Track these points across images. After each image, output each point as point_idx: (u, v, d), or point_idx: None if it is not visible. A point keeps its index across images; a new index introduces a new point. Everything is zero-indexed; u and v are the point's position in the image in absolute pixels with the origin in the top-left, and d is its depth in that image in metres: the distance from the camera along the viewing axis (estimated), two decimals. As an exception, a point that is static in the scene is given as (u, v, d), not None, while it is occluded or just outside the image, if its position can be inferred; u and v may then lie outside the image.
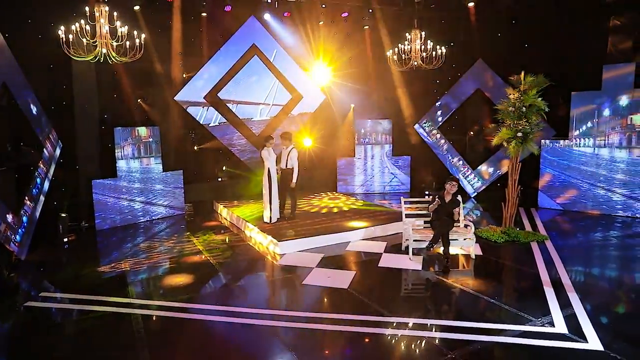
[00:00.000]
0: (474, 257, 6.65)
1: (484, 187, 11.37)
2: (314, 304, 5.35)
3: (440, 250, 6.43)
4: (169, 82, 10.24)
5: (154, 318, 4.96)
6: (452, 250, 6.56)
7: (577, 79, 9.51)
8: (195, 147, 11.02)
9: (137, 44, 7.05)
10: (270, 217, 8.05)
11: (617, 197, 9.13)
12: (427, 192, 11.32)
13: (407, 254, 6.74)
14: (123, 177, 9.06)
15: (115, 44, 6.88)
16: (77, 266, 6.71)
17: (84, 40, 6.63)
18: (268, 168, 7.93)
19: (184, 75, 10.49)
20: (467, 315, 4.88)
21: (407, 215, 7.15)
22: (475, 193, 11.40)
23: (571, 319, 4.62)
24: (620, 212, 9.09)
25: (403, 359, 4.07)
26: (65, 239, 7.89)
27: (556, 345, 4.13)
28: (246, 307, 5.13)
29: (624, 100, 8.95)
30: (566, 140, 9.71)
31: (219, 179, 11.28)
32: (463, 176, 11.55)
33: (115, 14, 6.93)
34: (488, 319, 4.75)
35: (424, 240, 6.57)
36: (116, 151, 8.93)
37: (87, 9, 6.71)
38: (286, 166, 8.24)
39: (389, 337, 4.39)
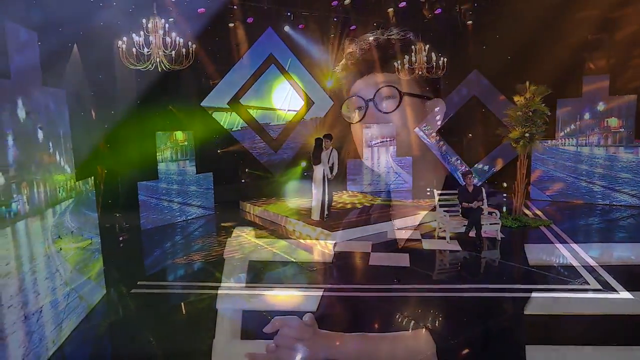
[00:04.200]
0: (499, 239, 7.82)
1: (479, 183, 12.75)
2: (392, 279, 6.21)
3: (473, 234, 7.56)
4: (198, 89, 10.81)
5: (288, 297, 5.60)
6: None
7: (561, 88, 11.05)
8: (219, 151, 11.59)
9: (184, 52, 7.73)
10: (324, 213, 8.80)
11: (597, 188, 10.74)
12: (428, 190, 12.50)
13: (442, 239, 7.81)
14: (163, 179, 9.54)
15: (166, 52, 7.53)
16: (155, 259, 7.22)
17: (135, 49, 7.23)
18: (323, 169, 8.68)
19: (210, 83, 11.08)
20: (519, 281, 5.99)
21: (441, 206, 8.24)
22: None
23: (600, 279, 5.83)
24: (600, 200, 10.69)
25: (495, 312, 5.02)
26: (120, 238, 8.31)
27: (597, 297, 5.32)
28: (344, 284, 5.98)
29: (600, 106, 10.59)
30: (553, 141, 11.24)
31: (242, 181, 11.91)
32: (461, 174, 12.86)
33: (167, 25, 7.57)
34: (537, 283, 5.87)
35: (460, 226, 7.67)
36: (157, 154, 9.41)
37: (144, 21, 7.35)
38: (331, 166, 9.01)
39: (470, 298, 5.40)
